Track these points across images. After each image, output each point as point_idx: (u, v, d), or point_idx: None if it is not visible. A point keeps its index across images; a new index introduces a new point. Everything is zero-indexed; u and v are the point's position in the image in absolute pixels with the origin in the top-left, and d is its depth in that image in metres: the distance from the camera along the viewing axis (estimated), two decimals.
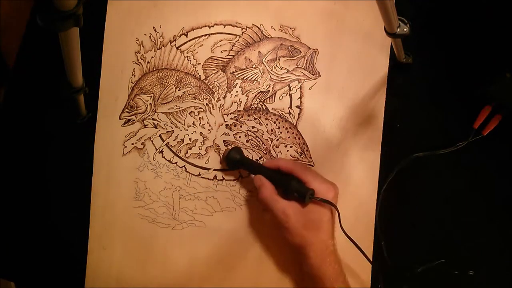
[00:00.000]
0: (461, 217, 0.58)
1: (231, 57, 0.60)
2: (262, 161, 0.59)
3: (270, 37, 0.60)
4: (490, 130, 0.57)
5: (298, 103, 0.59)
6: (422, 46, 0.58)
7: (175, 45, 0.61)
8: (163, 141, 0.61)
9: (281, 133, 0.59)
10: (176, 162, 0.60)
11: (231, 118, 0.60)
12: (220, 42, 0.60)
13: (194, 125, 0.60)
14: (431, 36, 0.59)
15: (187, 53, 0.60)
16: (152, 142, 0.61)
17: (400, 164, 0.58)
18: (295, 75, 0.60)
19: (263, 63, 0.60)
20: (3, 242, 0.63)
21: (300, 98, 0.59)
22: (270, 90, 0.60)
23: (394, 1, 0.45)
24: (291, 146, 0.59)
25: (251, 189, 0.59)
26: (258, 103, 0.60)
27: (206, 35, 0.60)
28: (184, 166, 0.60)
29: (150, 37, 0.61)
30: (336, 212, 0.52)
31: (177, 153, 0.60)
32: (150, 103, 0.61)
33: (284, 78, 0.60)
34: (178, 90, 0.60)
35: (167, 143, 0.60)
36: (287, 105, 0.59)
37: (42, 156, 0.62)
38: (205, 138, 0.60)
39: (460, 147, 0.58)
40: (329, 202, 0.51)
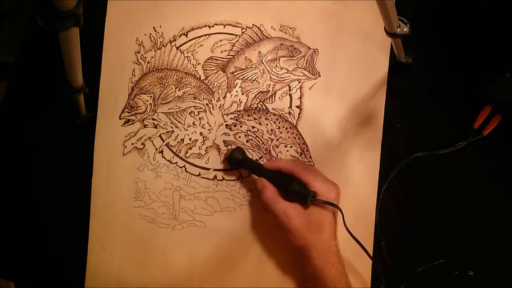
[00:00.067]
0: (461, 217, 0.58)
1: (231, 57, 0.60)
2: (262, 161, 0.59)
3: (270, 37, 0.60)
4: (490, 130, 0.57)
5: (298, 103, 0.59)
6: (422, 46, 0.58)
7: (175, 45, 0.61)
8: (163, 141, 0.61)
9: (281, 133, 0.59)
10: (176, 162, 0.60)
11: (231, 118, 0.60)
12: (220, 42, 0.60)
13: (194, 125, 0.60)
14: (431, 36, 0.59)
15: (187, 53, 0.60)
16: (152, 142, 0.61)
17: (400, 164, 0.58)
18: (295, 75, 0.60)
19: (263, 63, 0.60)
20: (3, 242, 0.63)
21: (300, 98, 0.59)
22: (270, 90, 0.60)
23: (394, 1, 0.45)
24: (291, 146, 0.59)
25: (251, 189, 0.59)
26: (258, 103, 0.60)
27: (206, 35, 0.60)
28: (184, 166, 0.60)
29: (150, 37, 0.61)
30: (338, 212, 0.51)
31: (177, 153, 0.60)
32: (150, 103, 0.61)
33: (284, 78, 0.60)
34: (178, 90, 0.60)
35: (167, 143, 0.60)
36: (287, 105, 0.59)
37: (42, 156, 0.62)
38: (205, 138, 0.60)
39: (460, 147, 0.58)
40: (331, 204, 0.50)
